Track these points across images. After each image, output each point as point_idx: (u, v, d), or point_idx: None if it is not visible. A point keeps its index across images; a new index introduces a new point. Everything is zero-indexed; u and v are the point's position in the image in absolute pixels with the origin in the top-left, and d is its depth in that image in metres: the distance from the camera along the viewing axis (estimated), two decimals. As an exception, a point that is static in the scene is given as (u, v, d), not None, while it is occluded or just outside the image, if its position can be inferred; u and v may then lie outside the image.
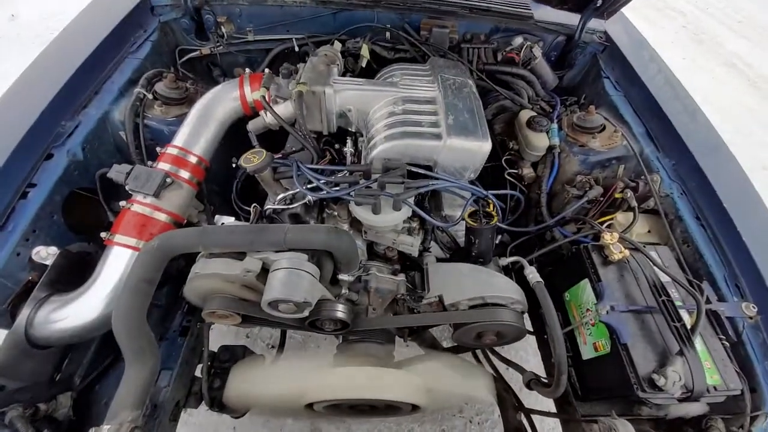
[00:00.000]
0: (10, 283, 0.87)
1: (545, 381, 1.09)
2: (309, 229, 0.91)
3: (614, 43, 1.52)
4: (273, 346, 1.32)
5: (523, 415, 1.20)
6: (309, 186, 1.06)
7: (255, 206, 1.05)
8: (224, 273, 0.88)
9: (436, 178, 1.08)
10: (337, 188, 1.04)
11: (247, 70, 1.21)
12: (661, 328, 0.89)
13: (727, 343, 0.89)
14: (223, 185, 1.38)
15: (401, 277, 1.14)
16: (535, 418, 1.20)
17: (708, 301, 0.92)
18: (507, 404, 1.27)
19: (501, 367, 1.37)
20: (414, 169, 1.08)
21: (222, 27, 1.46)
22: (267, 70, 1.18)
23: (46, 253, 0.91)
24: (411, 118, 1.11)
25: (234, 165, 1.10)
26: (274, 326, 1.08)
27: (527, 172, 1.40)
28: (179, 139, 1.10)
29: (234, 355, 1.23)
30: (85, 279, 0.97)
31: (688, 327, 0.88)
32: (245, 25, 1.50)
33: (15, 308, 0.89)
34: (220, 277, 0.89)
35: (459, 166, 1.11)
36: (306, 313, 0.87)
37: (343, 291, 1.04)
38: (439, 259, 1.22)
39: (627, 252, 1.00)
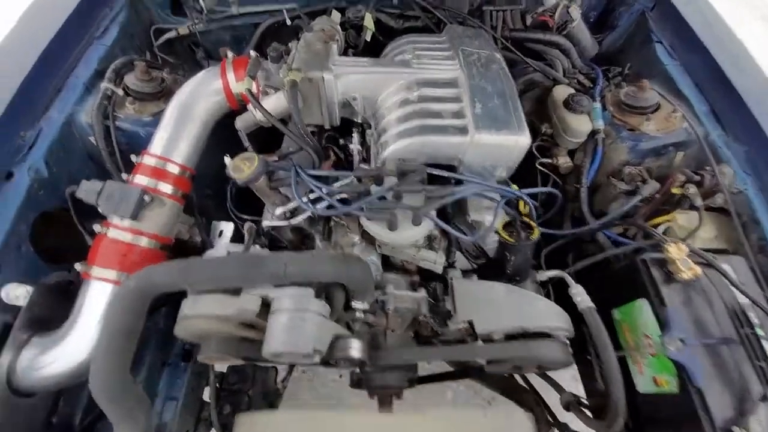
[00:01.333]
0: None
1: (585, 403, 0.97)
2: (313, 260, 0.76)
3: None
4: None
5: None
6: (312, 197, 0.90)
7: (251, 225, 0.89)
8: (218, 314, 0.74)
9: (461, 181, 0.90)
10: (345, 199, 0.87)
11: (230, 54, 1.00)
12: (739, 364, 0.74)
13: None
14: (216, 187, 1.22)
15: (422, 293, 0.99)
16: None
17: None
18: (539, 419, 1.17)
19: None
20: (435, 171, 0.90)
21: (200, 0, 1.23)
22: (252, 53, 0.98)
23: (17, 294, 0.78)
24: (429, 107, 0.92)
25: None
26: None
27: (563, 161, 1.20)
28: (156, 146, 0.93)
29: (244, 376, 1.13)
30: (69, 311, 0.85)
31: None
32: (227, -4, 1.27)
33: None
34: (214, 318, 0.75)
35: (489, 165, 0.92)
36: (316, 360, 0.74)
37: (358, 315, 0.90)
38: (464, 271, 1.07)
39: (698, 270, 0.82)
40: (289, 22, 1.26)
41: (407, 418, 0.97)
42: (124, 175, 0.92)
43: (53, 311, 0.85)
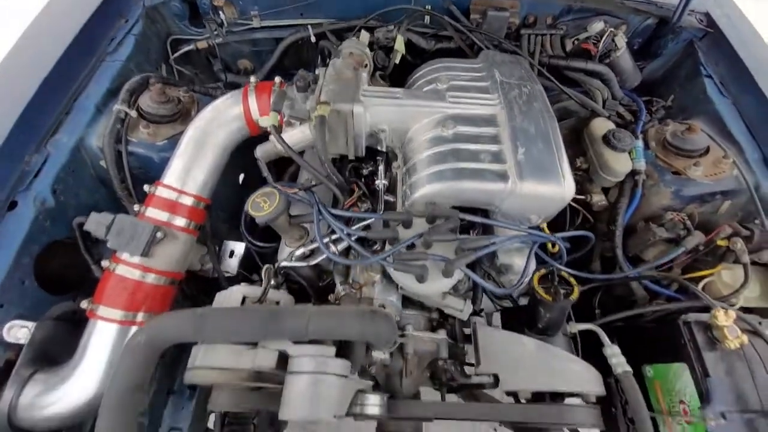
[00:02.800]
0: None
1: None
2: (337, 316, 0.70)
3: (719, 28, 1.16)
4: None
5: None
6: (333, 237, 0.84)
7: (268, 268, 0.84)
8: (232, 367, 0.70)
9: (494, 226, 0.84)
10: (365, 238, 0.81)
11: (252, 78, 0.94)
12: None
13: None
14: (229, 210, 1.17)
15: (442, 334, 0.94)
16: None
17: None
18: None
19: None
20: (468, 218, 0.84)
21: (221, 12, 1.17)
22: (277, 81, 0.91)
23: (18, 332, 0.74)
24: (465, 147, 0.85)
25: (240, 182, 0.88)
26: None
27: (597, 199, 1.14)
28: (171, 176, 0.88)
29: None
30: (76, 344, 0.81)
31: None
32: (249, 8, 1.20)
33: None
34: (228, 371, 0.71)
35: (524, 214, 0.86)
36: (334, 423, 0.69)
37: (375, 359, 0.85)
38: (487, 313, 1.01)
39: (745, 338, 0.76)
40: (313, 39, 1.19)
41: None
42: (136, 207, 0.86)
43: (57, 345, 0.82)
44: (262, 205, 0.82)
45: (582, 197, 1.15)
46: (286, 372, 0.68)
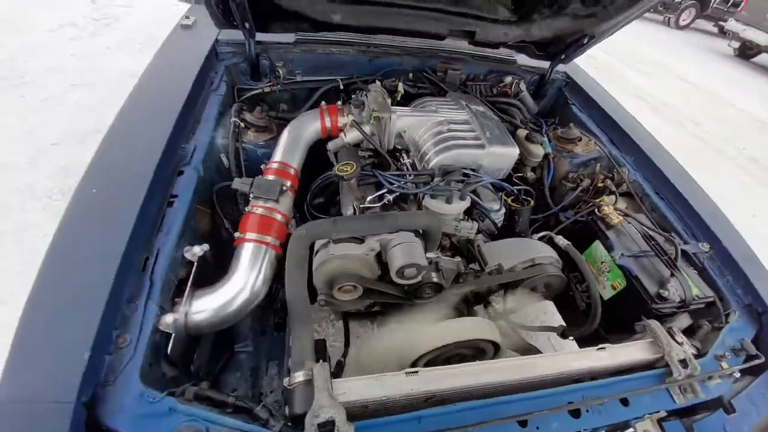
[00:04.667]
0: (174, 278, 1.02)
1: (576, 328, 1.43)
2: (413, 213, 1.20)
3: (573, 80, 2.07)
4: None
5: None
6: (394, 185, 1.35)
7: (355, 205, 1.31)
8: (354, 253, 1.12)
9: (482, 177, 1.44)
10: (416, 186, 1.34)
11: (323, 103, 1.51)
12: (654, 263, 1.30)
13: (695, 270, 1.32)
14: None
15: (458, 258, 1.45)
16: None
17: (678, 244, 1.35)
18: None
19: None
20: (466, 170, 1.43)
21: (279, 70, 1.75)
22: (339, 104, 1.49)
23: (196, 251, 1.07)
24: (457, 134, 1.48)
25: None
26: (383, 298, 1.28)
27: (530, 174, 1.83)
28: (279, 156, 1.35)
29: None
30: (211, 275, 1.13)
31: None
32: (296, 69, 1.80)
33: (172, 303, 1.03)
34: (349, 257, 1.13)
35: (496, 168, 1.49)
36: (419, 278, 1.13)
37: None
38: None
39: (621, 218, 1.42)
40: (341, 87, 1.81)
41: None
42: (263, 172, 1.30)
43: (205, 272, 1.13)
44: (346, 170, 1.31)
45: (520, 174, 1.84)
46: (388, 250, 1.12)
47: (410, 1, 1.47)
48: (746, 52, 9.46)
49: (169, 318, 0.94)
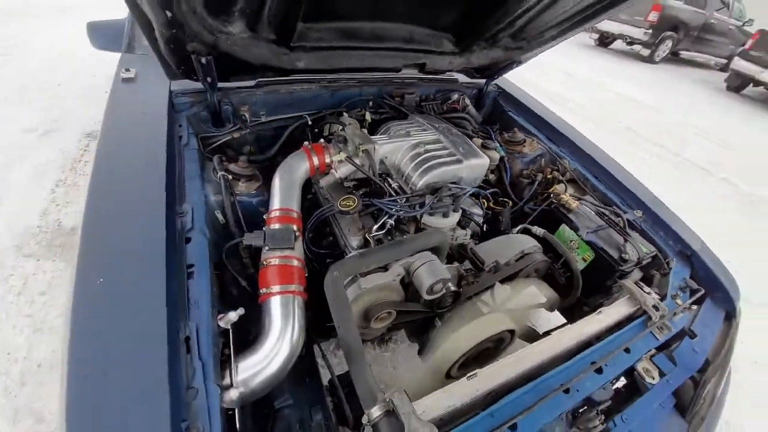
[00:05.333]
0: (218, 351, 0.98)
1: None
2: (427, 234, 1.32)
3: (504, 90, 2.40)
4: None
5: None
6: (393, 210, 1.45)
7: (367, 236, 1.37)
8: (382, 282, 1.20)
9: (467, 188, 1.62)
10: (415, 207, 1.46)
11: (306, 143, 1.54)
12: (610, 234, 1.60)
13: (637, 233, 1.66)
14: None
15: (456, 264, 1.60)
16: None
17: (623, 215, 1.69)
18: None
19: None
20: (450, 185, 1.59)
21: (245, 114, 1.73)
22: (323, 142, 1.55)
23: (232, 317, 1.04)
24: (435, 153, 1.64)
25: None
26: (410, 317, 1.36)
27: (491, 176, 2.08)
28: (278, 203, 1.35)
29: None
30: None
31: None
32: (259, 110, 1.80)
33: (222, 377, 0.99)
34: (378, 287, 1.20)
35: (473, 178, 1.68)
36: (444, 291, 1.25)
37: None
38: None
39: (577, 202, 1.72)
40: (309, 122, 1.85)
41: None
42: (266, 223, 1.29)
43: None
44: (349, 203, 1.38)
45: (484, 178, 2.07)
46: (411, 276, 1.21)
47: (369, 44, 1.59)
48: (604, 41, 11.87)
49: (233, 393, 0.91)
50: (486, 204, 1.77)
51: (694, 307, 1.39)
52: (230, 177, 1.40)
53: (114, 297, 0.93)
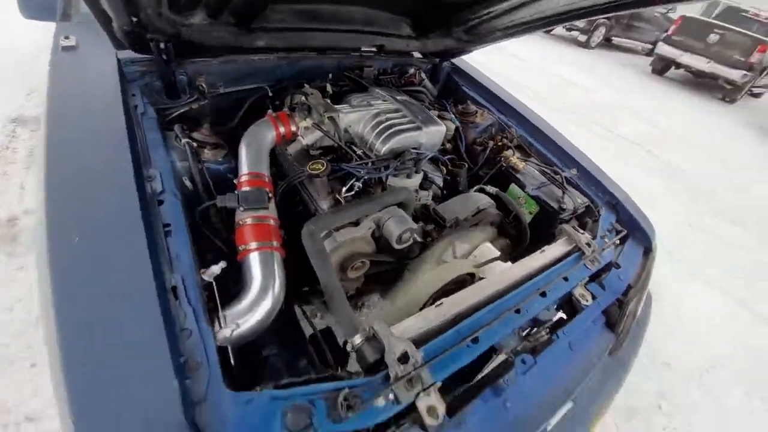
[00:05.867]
0: (205, 299, 1.02)
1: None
2: (395, 191, 1.43)
3: (457, 66, 2.55)
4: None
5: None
6: (362, 173, 1.53)
7: (338, 197, 1.45)
8: (357, 235, 1.29)
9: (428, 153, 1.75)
10: (380, 169, 1.55)
11: (270, 111, 1.57)
12: (552, 189, 1.82)
13: (573, 187, 1.89)
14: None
15: (420, 222, 1.74)
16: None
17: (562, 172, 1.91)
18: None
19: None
20: (411, 149, 1.70)
21: (202, 84, 1.70)
22: (287, 111, 1.58)
23: (215, 270, 1.07)
24: (396, 121, 1.74)
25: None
26: (381, 267, 1.47)
27: (448, 145, 2.23)
28: (247, 168, 1.38)
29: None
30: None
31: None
32: (217, 82, 1.77)
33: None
34: (352, 239, 1.29)
35: (432, 144, 1.81)
36: (411, 240, 1.37)
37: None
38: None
39: (523, 163, 1.92)
40: (270, 94, 1.86)
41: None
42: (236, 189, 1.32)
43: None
44: (318, 167, 1.44)
45: (441, 146, 2.22)
46: (381, 228, 1.32)
47: (329, 25, 1.63)
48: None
49: (226, 332, 0.96)
50: (445, 170, 1.91)
51: (619, 244, 1.64)
52: (195, 144, 1.40)
53: (95, 254, 0.93)
